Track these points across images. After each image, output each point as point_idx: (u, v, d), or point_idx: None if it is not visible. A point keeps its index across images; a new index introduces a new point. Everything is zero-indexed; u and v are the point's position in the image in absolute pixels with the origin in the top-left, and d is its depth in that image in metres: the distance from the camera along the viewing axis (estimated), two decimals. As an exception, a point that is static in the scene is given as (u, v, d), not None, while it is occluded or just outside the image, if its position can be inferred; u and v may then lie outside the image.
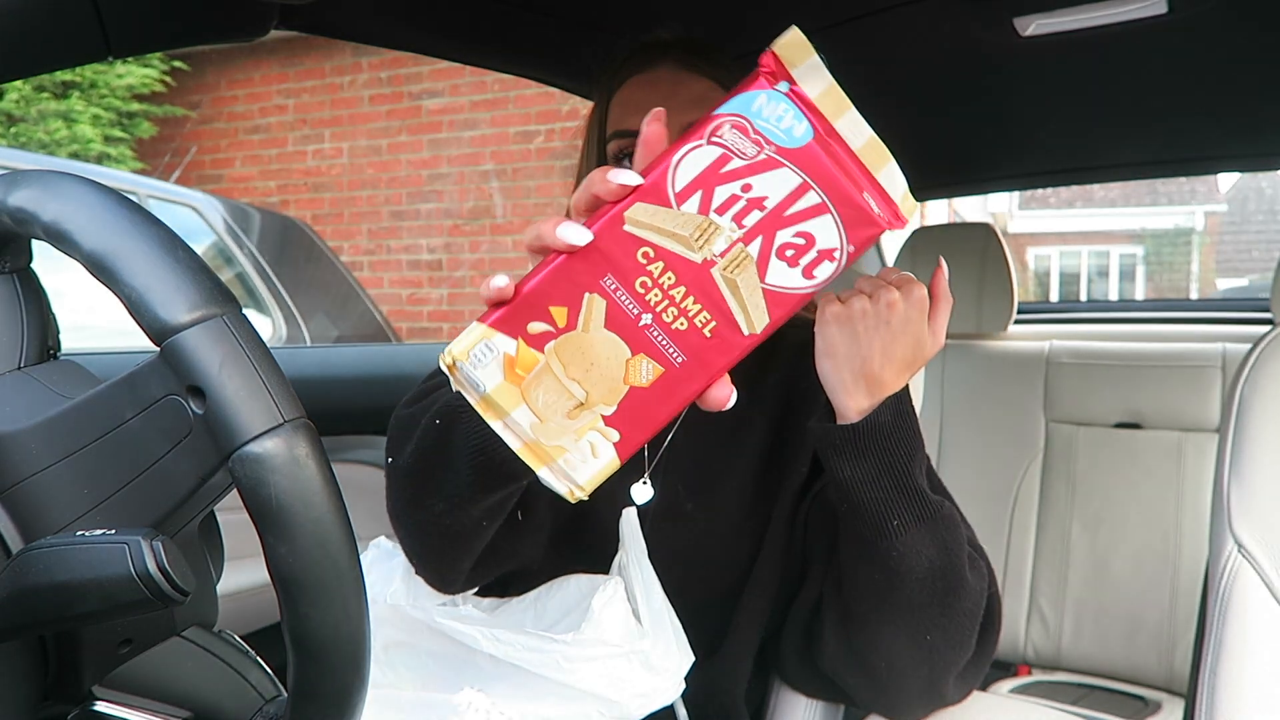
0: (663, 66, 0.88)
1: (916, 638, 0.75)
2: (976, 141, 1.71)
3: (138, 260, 0.42)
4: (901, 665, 0.76)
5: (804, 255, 0.46)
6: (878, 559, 0.73)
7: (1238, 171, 5.71)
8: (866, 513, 0.73)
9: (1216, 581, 0.85)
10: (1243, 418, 0.87)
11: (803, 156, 0.44)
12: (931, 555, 0.73)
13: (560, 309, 0.46)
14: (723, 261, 0.46)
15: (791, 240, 0.46)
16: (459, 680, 0.73)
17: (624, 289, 0.46)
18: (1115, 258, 16.03)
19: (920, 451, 0.75)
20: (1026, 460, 1.82)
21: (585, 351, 0.46)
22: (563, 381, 0.46)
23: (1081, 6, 1.08)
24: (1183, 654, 1.65)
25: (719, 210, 0.45)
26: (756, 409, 0.90)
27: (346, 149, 5.82)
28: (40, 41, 0.80)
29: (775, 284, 0.46)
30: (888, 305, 0.70)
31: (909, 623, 0.74)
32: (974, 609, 0.76)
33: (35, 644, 0.46)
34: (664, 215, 0.45)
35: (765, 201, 0.45)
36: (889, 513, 0.73)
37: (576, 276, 0.46)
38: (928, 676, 0.77)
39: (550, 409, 0.46)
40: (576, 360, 0.46)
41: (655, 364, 0.46)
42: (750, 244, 0.45)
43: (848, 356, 0.71)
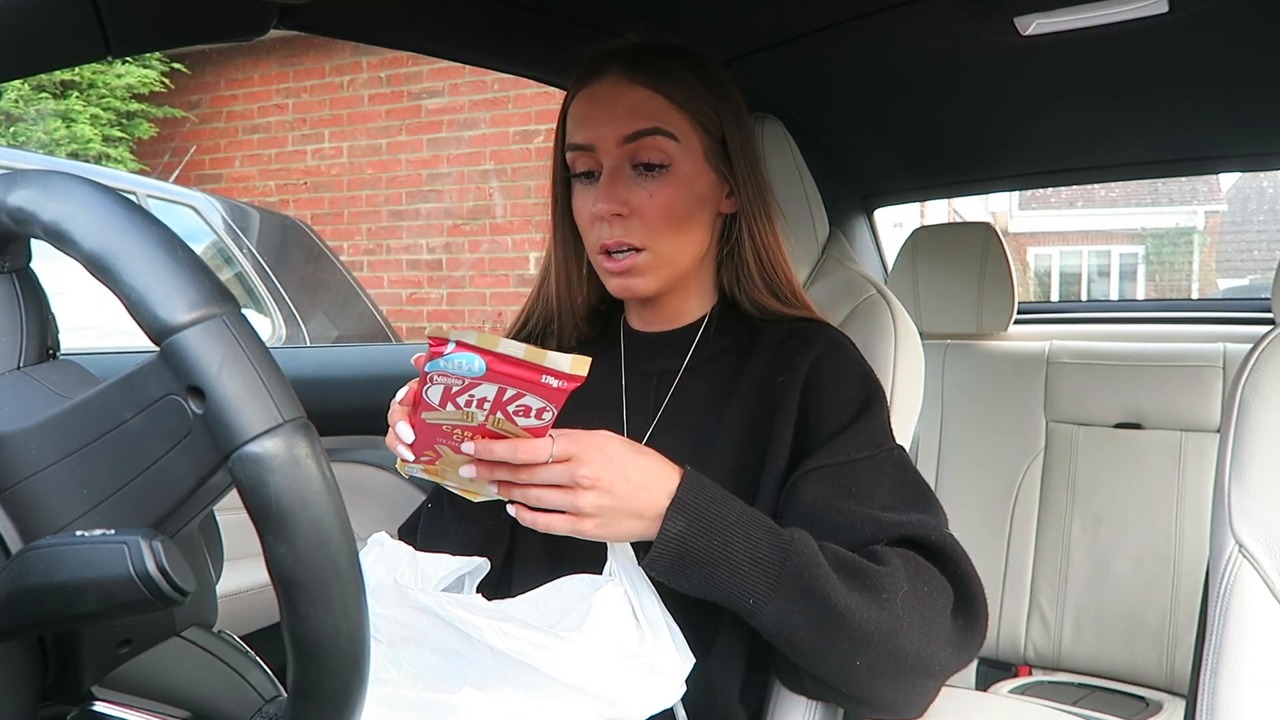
0: (607, 78, 0.90)
1: (846, 665, 0.77)
2: (976, 141, 1.71)
3: (137, 260, 0.42)
4: (856, 685, 0.79)
5: (529, 413, 0.70)
6: (764, 632, 0.77)
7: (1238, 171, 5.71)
8: (728, 604, 0.77)
9: (1217, 582, 0.84)
10: (1243, 418, 0.87)
11: (490, 376, 0.67)
12: (802, 608, 0.74)
13: (428, 452, 0.76)
14: (490, 422, 0.71)
15: (518, 408, 0.70)
16: (459, 678, 0.73)
17: (448, 440, 0.74)
18: (1116, 257, 16.03)
19: (736, 515, 0.77)
20: (1027, 460, 1.82)
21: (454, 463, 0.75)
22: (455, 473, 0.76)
23: (1082, 6, 1.08)
24: (1183, 654, 1.65)
25: (466, 405, 0.70)
26: (732, 406, 0.91)
27: (346, 149, 5.82)
28: (40, 41, 0.80)
29: (525, 424, 0.71)
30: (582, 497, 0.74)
31: (830, 660, 0.77)
32: (891, 615, 0.76)
33: (34, 644, 0.46)
34: (441, 414, 0.71)
35: (487, 399, 0.69)
36: (741, 595, 0.75)
37: (425, 439, 0.75)
38: (891, 682, 0.78)
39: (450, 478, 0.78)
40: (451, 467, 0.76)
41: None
42: (495, 414, 0.70)
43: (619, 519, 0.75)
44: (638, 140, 0.88)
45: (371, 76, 5.70)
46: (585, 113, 0.90)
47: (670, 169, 0.89)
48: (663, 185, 0.89)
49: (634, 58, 0.90)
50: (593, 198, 0.89)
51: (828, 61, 1.32)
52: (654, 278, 0.91)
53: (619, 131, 0.88)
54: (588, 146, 0.89)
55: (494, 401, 0.69)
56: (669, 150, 0.89)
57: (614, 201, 0.87)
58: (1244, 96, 1.40)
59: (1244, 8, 1.09)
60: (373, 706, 0.64)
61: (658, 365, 0.96)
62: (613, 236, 0.88)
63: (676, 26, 1.18)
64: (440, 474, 0.78)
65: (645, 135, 0.88)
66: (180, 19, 0.90)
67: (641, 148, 0.88)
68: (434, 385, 0.69)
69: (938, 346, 1.94)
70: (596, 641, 0.71)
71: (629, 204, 0.88)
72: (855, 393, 0.89)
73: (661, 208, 0.88)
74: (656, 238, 0.89)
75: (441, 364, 0.67)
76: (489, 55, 1.30)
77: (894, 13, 1.14)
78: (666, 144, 0.88)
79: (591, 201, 0.89)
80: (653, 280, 0.91)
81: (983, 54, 1.26)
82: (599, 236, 0.89)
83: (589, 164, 0.90)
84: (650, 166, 0.89)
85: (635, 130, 0.88)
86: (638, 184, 0.89)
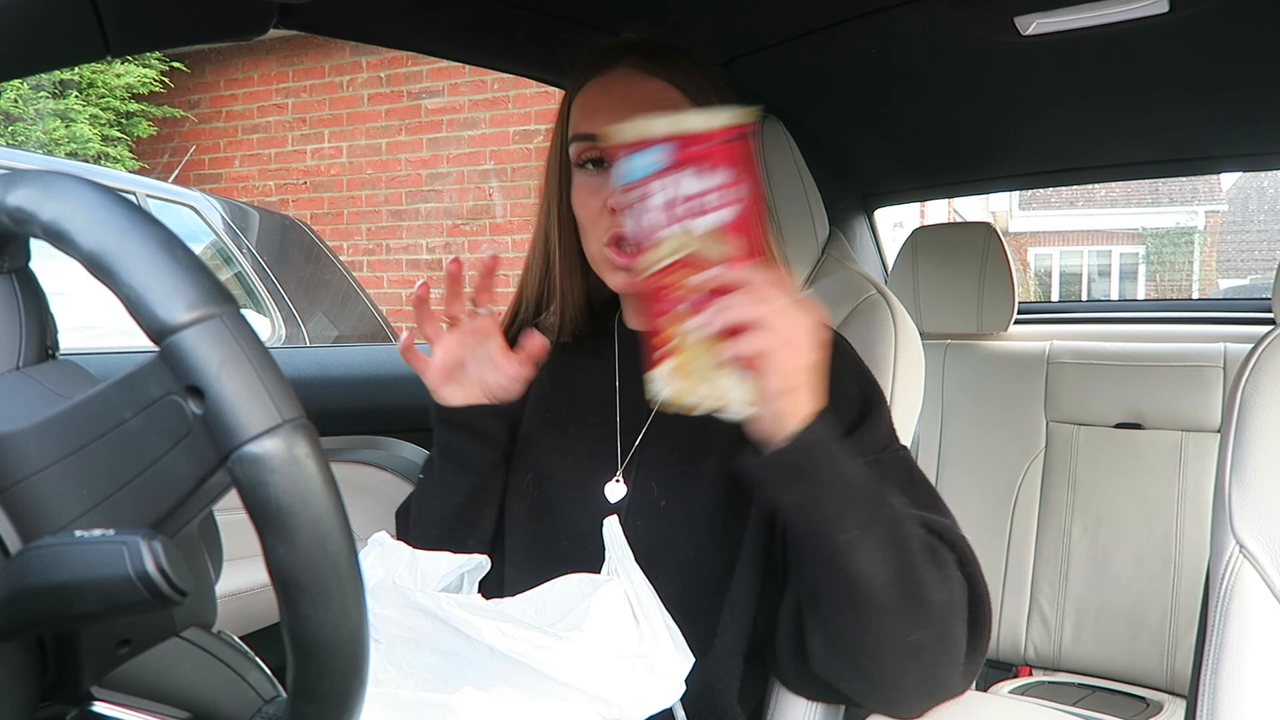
0: (619, 69, 0.89)
1: (900, 638, 0.75)
2: (977, 141, 1.71)
3: (136, 260, 0.41)
4: (891, 666, 0.76)
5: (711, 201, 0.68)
6: (841, 576, 0.73)
7: (1239, 171, 5.71)
8: (819, 534, 0.72)
9: (1218, 582, 0.84)
10: (1244, 418, 0.87)
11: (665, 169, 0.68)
12: (891, 557, 0.73)
13: (658, 336, 0.73)
14: (683, 247, 0.69)
15: (700, 203, 0.67)
16: (459, 679, 0.73)
17: (669, 303, 0.71)
18: (1116, 257, 16.04)
19: (847, 451, 0.74)
20: (1027, 460, 1.82)
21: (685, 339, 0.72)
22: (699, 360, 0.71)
23: (1082, 6, 1.08)
24: (1184, 654, 1.65)
25: (666, 217, 0.68)
26: None
27: (346, 148, 5.82)
28: (39, 40, 0.80)
29: (714, 225, 0.68)
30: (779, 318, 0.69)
31: (888, 627, 0.74)
32: (950, 598, 0.76)
33: (33, 644, 0.46)
34: (656, 252, 0.69)
35: (674, 200, 0.68)
36: (840, 528, 0.72)
37: (653, 318, 0.73)
38: (921, 671, 0.77)
39: (705, 373, 0.72)
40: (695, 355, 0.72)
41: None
42: (688, 224, 0.68)
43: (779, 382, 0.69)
44: None
45: (371, 76, 5.70)
46: (597, 103, 0.89)
47: None
48: None
49: (647, 50, 0.90)
50: (601, 189, 0.88)
51: (827, 61, 1.32)
52: None
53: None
54: (600, 136, 0.87)
55: (679, 201, 0.68)
56: None
57: None
58: (1244, 96, 1.40)
59: (1244, 8, 1.09)
60: (372, 707, 0.64)
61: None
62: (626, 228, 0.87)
63: (676, 26, 1.18)
64: (685, 371, 0.72)
65: None
66: (180, 19, 0.90)
67: None
68: (630, 214, 0.70)
69: (938, 346, 1.94)
70: (596, 641, 0.71)
71: None
72: (853, 394, 0.89)
73: None
74: None
75: (626, 169, 0.68)
76: (489, 55, 1.30)
77: (894, 13, 1.13)
78: None
79: (601, 193, 0.88)
80: None
81: (983, 54, 1.26)
82: (610, 228, 0.87)
83: (598, 155, 0.89)
84: None
85: None
86: None
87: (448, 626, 0.73)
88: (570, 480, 0.93)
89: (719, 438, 0.89)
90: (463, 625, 0.72)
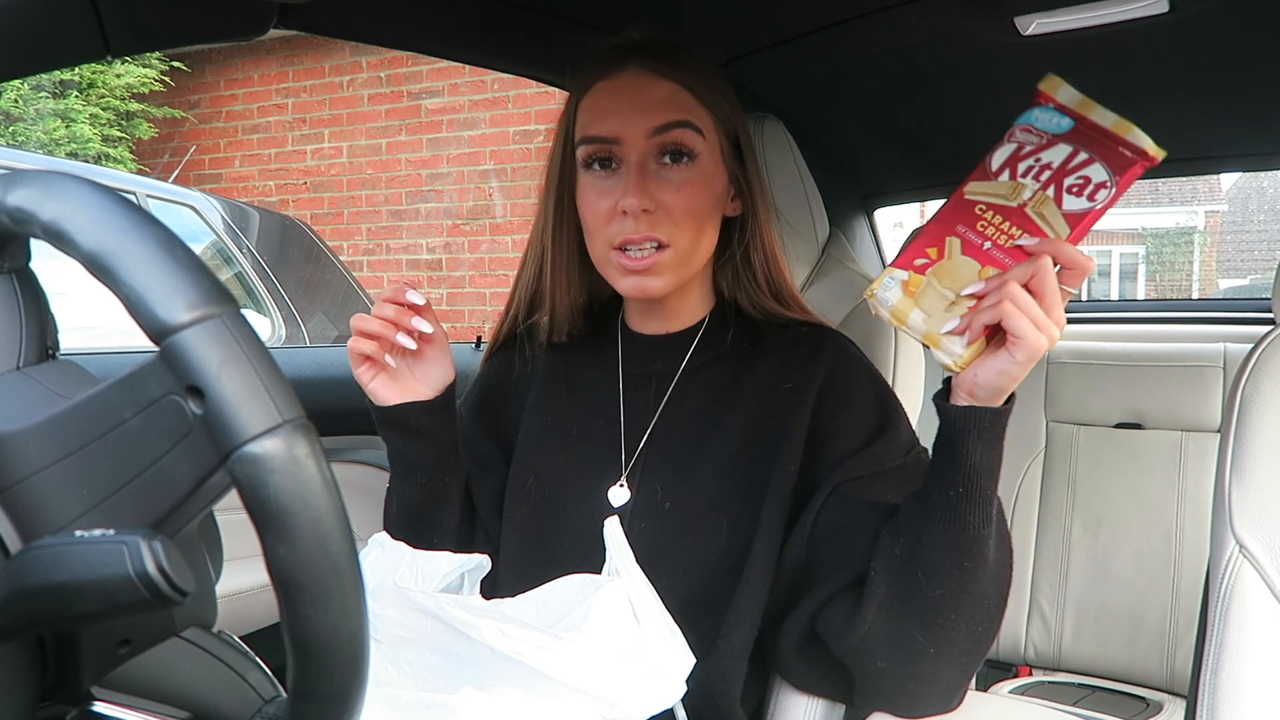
0: (629, 70, 0.88)
1: (975, 624, 0.75)
2: (977, 141, 1.70)
3: (136, 260, 0.41)
4: (950, 653, 0.76)
5: (1085, 189, 0.71)
6: (971, 547, 0.74)
7: (1239, 171, 5.71)
8: (978, 500, 0.74)
9: (1218, 582, 0.84)
10: (1244, 418, 0.87)
11: (1070, 136, 0.72)
12: (999, 544, 0.75)
13: (932, 248, 0.73)
14: (1031, 202, 0.72)
15: (1074, 182, 0.71)
16: (459, 679, 0.73)
17: (970, 230, 0.72)
18: (1116, 257, 16.03)
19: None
20: (1027, 460, 1.82)
21: (950, 270, 0.72)
22: (939, 290, 0.72)
23: (1082, 6, 1.08)
24: (1184, 654, 1.65)
25: (1022, 175, 0.72)
26: (732, 411, 0.90)
27: (346, 149, 5.82)
28: (39, 40, 0.80)
29: (1069, 209, 0.71)
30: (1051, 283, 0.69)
31: (975, 610, 0.75)
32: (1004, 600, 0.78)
33: (33, 644, 0.46)
34: (988, 185, 0.73)
35: (1051, 164, 0.72)
36: (991, 500, 0.74)
37: (940, 229, 0.73)
38: (963, 665, 0.78)
39: (933, 309, 0.72)
40: (946, 276, 0.72)
41: (996, 268, 0.71)
42: (1047, 189, 0.71)
43: (1032, 343, 0.69)
44: (666, 133, 0.86)
45: (371, 76, 5.70)
46: (608, 104, 0.88)
47: (696, 162, 0.88)
48: (688, 180, 0.87)
49: (656, 50, 0.89)
50: (610, 191, 0.87)
51: (828, 61, 1.32)
52: (671, 277, 0.89)
53: (648, 124, 0.86)
54: (612, 139, 0.87)
55: (1056, 169, 0.71)
56: (695, 144, 0.87)
57: (644, 196, 0.85)
58: (1244, 96, 1.39)
59: (1245, 7, 1.09)
60: (372, 707, 0.64)
61: (655, 368, 0.96)
62: (638, 231, 0.85)
63: (676, 26, 1.18)
64: (917, 291, 0.73)
65: (674, 128, 0.86)
66: (180, 19, 0.90)
67: (668, 140, 0.86)
68: (1006, 145, 0.74)
69: (938, 346, 1.94)
70: (596, 642, 0.71)
71: (655, 199, 0.86)
72: (871, 398, 0.89)
73: (687, 203, 0.87)
74: (680, 234, 0.87)
75: (1031, 119, 0.73)
76: (489, 55, 1.30)
77: (894, 12, 1.13)
78: (694, 138, 0.87)
79: (610, 195, 0.87)
80: (670, 280, 0.89)
81: (983, 54, 1.26)
82: (619, 232, 0.86)
83: (607, 156, 0.88)
84: (678, 157, 0.87)
85: (665, 122, 0.86)
86: (663, 178, 0.87)
87: (448, 627, 0.73)
88: (573, 483, 0.93)
89: (722, 441, 0.89)
90: (463, 626, 0.72)
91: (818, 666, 0.85)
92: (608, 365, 0.98)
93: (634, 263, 0.86)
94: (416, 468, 0.93)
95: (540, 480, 0.94)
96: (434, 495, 0.93)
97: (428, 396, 0.91)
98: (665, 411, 0.93)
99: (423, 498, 0.93)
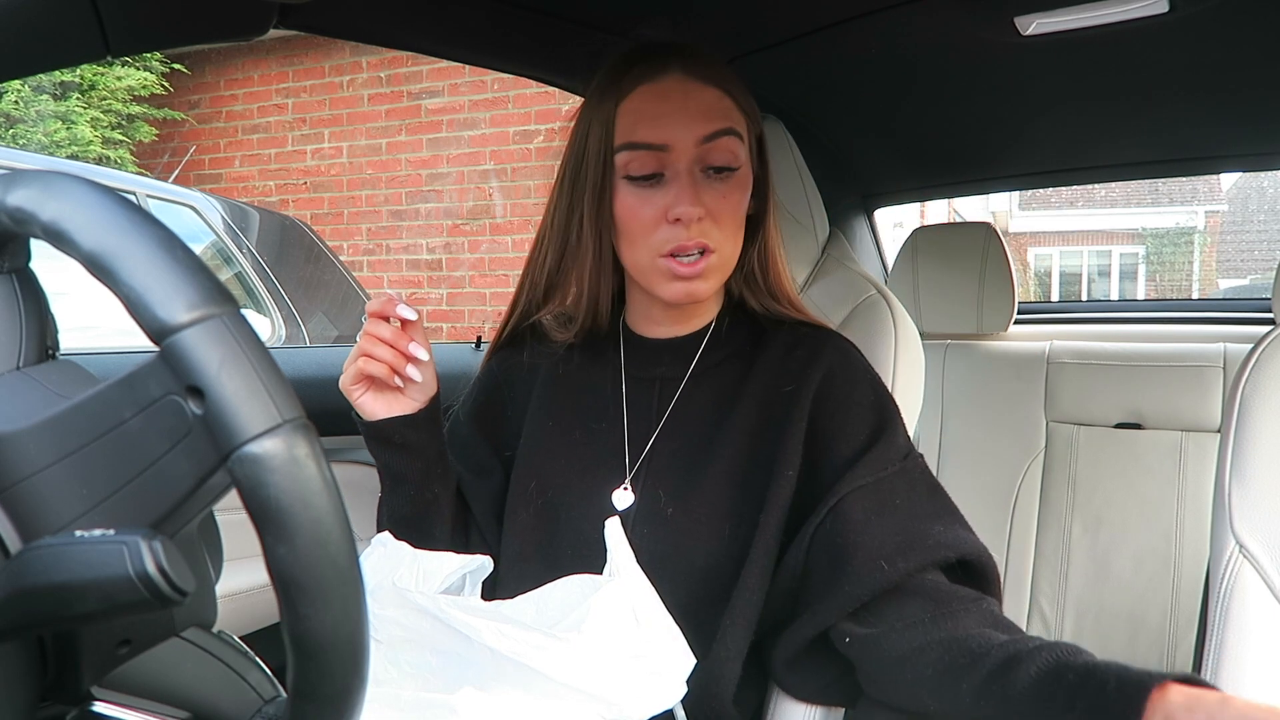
0: (671, 75, 0.87)
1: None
2: (977, 141, 1.71)
3: (136, 260, 0.41)
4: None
5: None
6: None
7: (1238, 171, 5.71)
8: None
9: (1218, 582, 0.84)
10: (1244, 418, 0.87)
11: None
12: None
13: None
14: None
15: None
16: (459, 679, 0.73)
17: None
18: (1116, 257, 16.03)
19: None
20: (1027, 460, 1.82)
21: None
22: None
23: (1082, 6, 1.08)
24: (1184, 654, 1.65)
25: None
26: (735, 414, 0.90)
27: (346, 149, 5.83)
28: (39, 41, 0.80)
29: None
30: None
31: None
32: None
33: (33, 645, 0.46)
34: None
35: None
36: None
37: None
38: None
39: None
40: None
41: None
42: None
43: None
44: (714, 140, 0.86)
45: (371, 76, 5.70)
46: (655, 110, 0.86)
47: (739, 170, 0.88)
48: (733, 185, 0.87)
49: (693, 54, 0.89)
50: (653, 198, 0.86)
51: (828, 61, 1.32)
52: (715, 280, 0.89)
53: (698, 132, 0.85)
54: (660, 146, 0.85)
55: None
56: (738, 152, 0.87)
57: (698, 204, 0.85)
58: (1244, 96, 1.40)
59: (1244, 8, 1.09)
60: (373, 707, 0.64)
61: (659, 371, 0.95)
62: (691, 238, 0.85)
63: (678, 26, 1.18)
64: None
65: (721, 136, 0.86)
66: (180, 19, 0.90)
67: (716, 148, 0.86)
68: None
69: (938, 346, 1.94)
70: (596, 642, 0.71)
71: (706, 206, 0.86)
72: (870, 402, 0.89)
73: (733, 209, 0.87)
74: (725, 240, 0.87)
75: None
76: (489, 55, 1.30)
77: (894, 13, 1.14)
78: (737, 145, 0.87)
79: (654, 202, 0.86)
80: (714, 283, 0.89)
81: (983, 54, 1.26)
82: (670, 239, 0.86)
83: (655, 164, 0.86)
84: (721, 169, 0.87)
85: (713, 130, 0.86)
86: (710, 185, 0.86)
87: (448, 627, 0.73)
88: (576, 487, 0.92)
89: (725, 446, 0.89)
90: (463, 626, 0.72)
91: (817, 679, 0.85)
92: (610, 368, 0.97)
93: (687, 269, 0.86)
94: (404, 479, 0.93)
95: (543, 484, 0.93)
96: (423, 506, 0.94)
97: (412, 410, 0.91)
98: (670, 416, 0.93)
99: (411, 509, 0.93)
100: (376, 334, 0.88)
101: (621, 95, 0.88)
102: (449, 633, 0.73)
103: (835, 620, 0.80)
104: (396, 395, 0.91)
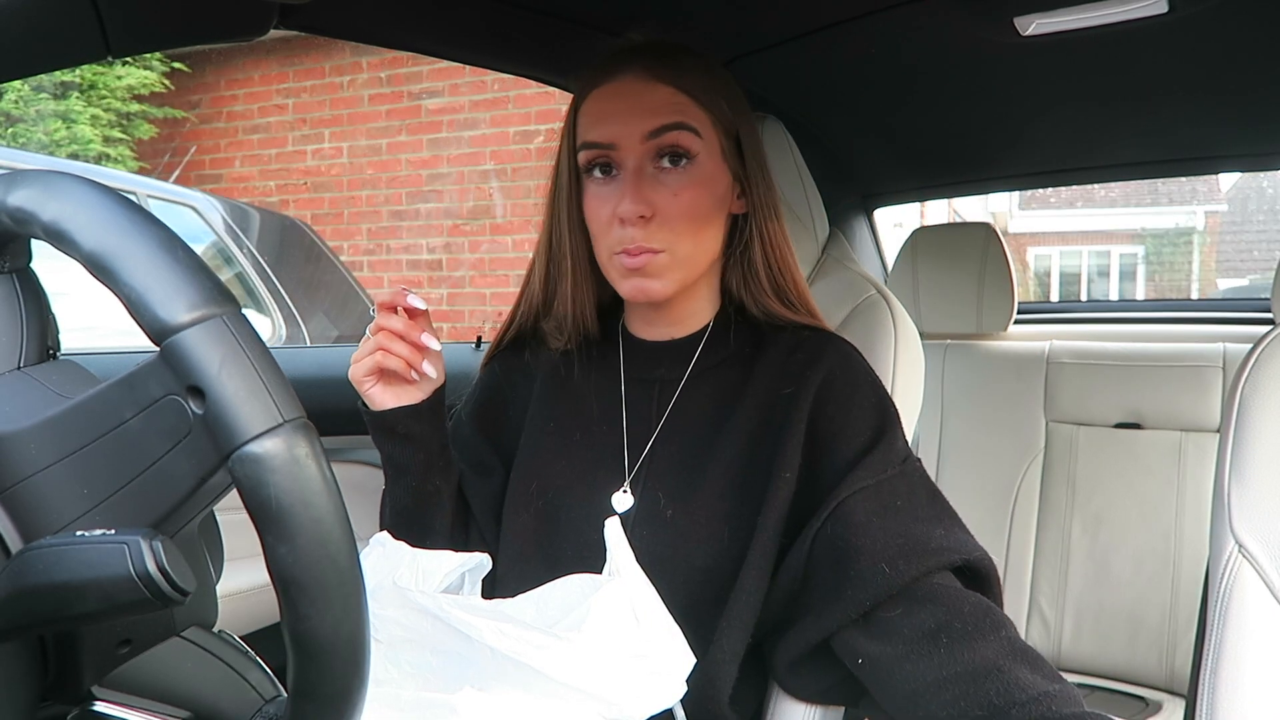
0: (627, 75, 0.88)
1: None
2: (977, 141, 1.71)
3: (137, 260, 0.42)
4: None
5: None
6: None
7: (1239, 171, 5.71)
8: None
9: (1217, 582, 0.84)
10: (1243, 418, 0.87)
11: None
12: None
13: None
14: None
15: None
16: (460, 679, 0.73)
17: None
18: (1116, 257, 16.02)
19: None
20: (1027, 460, 1.82)
21: None
22: None
23: (1082, 6, 1.08)
24: (1184, 654, 1.65)
25: None
26: (735, 417, 0.90)
27: (346, 149, 5.83)
28: (40, 41, 0.80)
29: None
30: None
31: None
32: None
33: (34, 644, 0.46)
34: None
35: None
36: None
37: None
38: None
39: None
40: None
41: None
42: None
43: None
44: (661, 135, 0.86)
45: (371, 76, 5.70)
46: (604, 109, 0.88)
47: (693, 163, 0.87)
48: (686, 182, 0.87)
49: (654, 55, 0.89)
50: (610, 198, 0.87)
51: (828, 61, 1.32)
52: (671, 280, 0.88)
53: (642, 128, 0.86)
54: (608, 144, 0.87)
55: None
56: (692, 145, 0.87)
57: (640, 203, 0.85)
58: (1244, 97, 1.40)
59: (1244, 8, 1.09)
60: (373, 706, 0.64)
61: (658, 374, 0.95)
62: (634, 242, 0.85)
63: (676, 26, 1.18)
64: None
65: (669, 130, 0.86)
66: (180, 19, 0.90)
67: (665, 142, 0.86)
68: None
69: (938, 346, 1.94)
70: (596, 642, 0.71)
71: (653, 205, 0.85)
72: (870, 404, 0.88)
73: (685, 207, 0.87)
74: (678, 240, 0.87)
75: None
76: (489, 55, 1.30)
77: (894, 13, 1.14)
78: (690, 139, 0.87)
79: (610, 202, 0.87)
80: (670, 283, 0.88)
81: (983, 54, 1.26)
82: (619, 240, 0.86)
83: (606, 162, 0.88)
84: (675, 160, 0.86)
85: (659, 125, 0.86)
86: (661, 182, 0.87)
87: (448, 627, 0.73)
88: (576, 489, 0.92)
89: (725, 448, 0.89)
90: (463, 626, 0.72)
91: (819, 681, 0.85)
92: (610, 370, 0.97)
93: (632, 262, 0.86)
94: (406, 470, 0.93)
95: (543, 486, 0.93)
96: (424, 499, 0.94)
97: (418, 400, 0.92)
98: (669, 419, 0.93)
99: (412, 500, 0.94)
100: (389, 326, 0.88)
101: (583, 97, 0.90)
102: (449, 632, 0.73)
103: (840, 626, 0.80)
104: (405, 386, 0.92)
